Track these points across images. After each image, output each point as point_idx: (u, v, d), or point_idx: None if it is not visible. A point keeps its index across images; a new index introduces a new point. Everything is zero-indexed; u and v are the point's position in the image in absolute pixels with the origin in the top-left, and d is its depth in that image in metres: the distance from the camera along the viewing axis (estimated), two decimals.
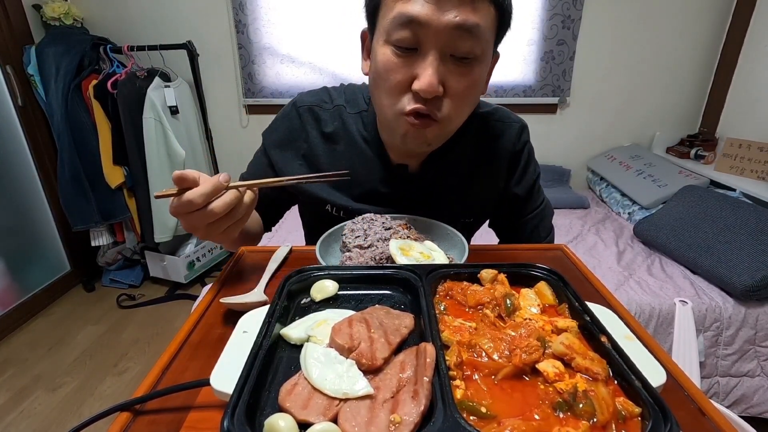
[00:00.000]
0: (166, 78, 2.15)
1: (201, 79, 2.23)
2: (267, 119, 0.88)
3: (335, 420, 0.31)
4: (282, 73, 2.36)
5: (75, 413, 1.60)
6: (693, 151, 2.21)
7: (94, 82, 2.04)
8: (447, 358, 0.35)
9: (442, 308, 0.45)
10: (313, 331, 0.40)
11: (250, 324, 0.42)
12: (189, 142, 2.23)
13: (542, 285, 0.48)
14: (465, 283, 0.48)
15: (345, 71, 2.34)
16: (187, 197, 0.48)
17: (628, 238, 1.85)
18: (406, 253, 0.56)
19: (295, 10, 2.23)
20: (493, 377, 0.35)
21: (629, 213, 2.06)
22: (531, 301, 0.46)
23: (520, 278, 0.49)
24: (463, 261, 0.59)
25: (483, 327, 0.41)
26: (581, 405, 0.31)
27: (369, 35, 0.65)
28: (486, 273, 0.48)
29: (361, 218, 0.65)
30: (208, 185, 0.49)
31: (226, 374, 0.35)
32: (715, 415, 0.36)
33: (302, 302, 0.47)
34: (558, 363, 0.36)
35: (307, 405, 0.32)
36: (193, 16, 2.27)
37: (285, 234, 1.86)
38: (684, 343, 1.32)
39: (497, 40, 0.62)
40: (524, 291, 0.47)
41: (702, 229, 1.57)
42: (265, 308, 0.43)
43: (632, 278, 1.53)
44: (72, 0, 2.22)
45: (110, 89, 2.00)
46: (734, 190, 1.82)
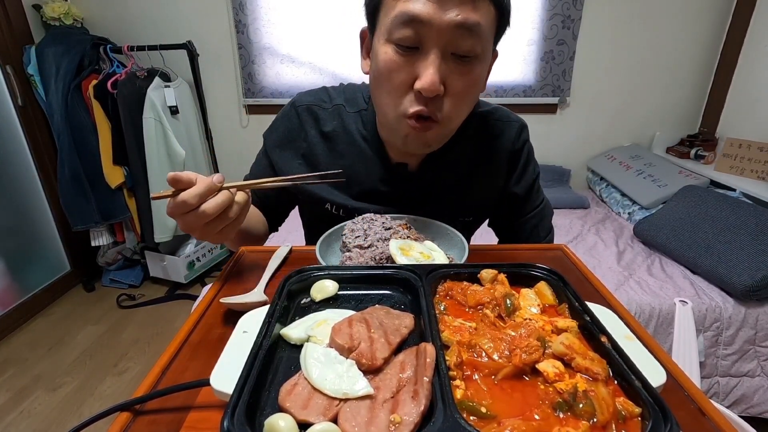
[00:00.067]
0: (166, 78, 2.15)
1: (201, 79, 2.23)
2: (267, 119, 0.88)
3: (335, 420, 0.31)
4: (282, 73, 2.36)
5: (75, 413, 1.60)
6: (693, 151, 2.21)
7: (94, 82, 2.04)
8: (447, 358, 0.35)
9: (442, 308, 0.45)
10: (313, 331, 0.40)
11: (250, 324, 0.42)
12: (189, 142, 2.23)
13: (542, 285, 0.48)
14: (465, 283, 0.48)
15: (345, 71, 2.34)
16: (181, 198, 0.49)
17: (628, 238, 1.85)
18: (406, 253, 0.56)
19: (295, 10, 2.23)
20: (493, 377, 0.35)
21: (629, 213, 2.06)
22: (531, 301, 0.46)
23: (520, 278, 0.49)
24: (463, 261, 0.59)
25: (483, 327, 0.41)
26: (581, 405, 0.31)
27: (369, 34, 0.65)
28: (486, 273, 0.48)
29: (361, 218, 0.65)
30: (201, 186, 0.50)
31: (226, 374, 0.35)
32: (715, 415, 0.36)
33: (302, 302, 0.47)
34: (558, 363, 0.36)
35: (307, 405, 0.32)
36: (193, 16, 2.27)
37: (285, 234, 1.84)
38: (684, 343, 1.32)
39: (496, 39, 0.62)
40: (524, 291, 0.47)
41: (702, 229, 1.57)
42: (265, 308, 0.43)
43: (632, 278, 1.53)
44: (72, 0, 2.22)
45: (110, 89, 2.00)
46: (734, 190, 1.82)
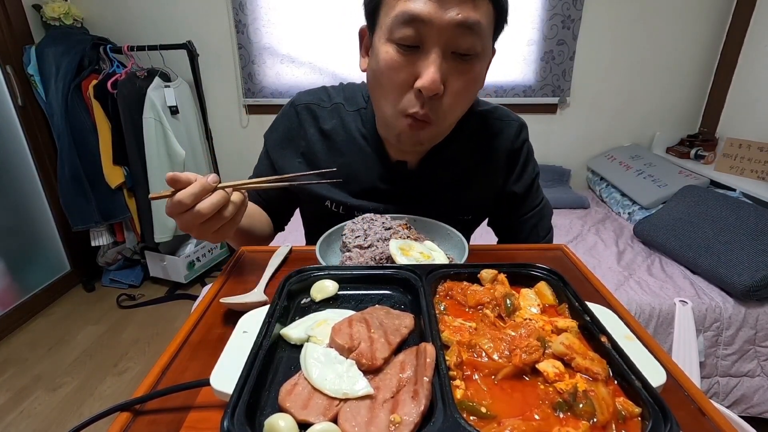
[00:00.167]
0: (166, 78, 2.15)
1: (201, 79, 2.23)
2: (267, 119, 0.88)
3: (335, 420, 0.31)
4: (282, 73, 2.36)
5: (75, 413, 1.60)
6: (693, 151, 2.21)
7: (94, 82, 2.04)
8: (447, 358, 0.35)
9: (442, 308, 0.45)
10: (313, 331, 0.40)
11: (250, 324, 0.42)
12: (189, 142, 2.23)
13: (542, 285, 0.48)
14: (465, 283, 0.48)
15: (345, 71, 2.34)
16: (176, 198, 0.50)
17: (628, 238, 1.85)
18: (406, 253, 0.56)
19: (295, 10, 2.23)
20: (493, 377, 0.35)
21: (629, 213, 2.06)
22: (531, 301, 0.46)
23: (520, 278, 0.49)
24: (463, 261, 0.59)
25: (483, 327, 0.41)
26: (581, 405, 0.31)
27: (368, 33, 0.65)
28: (486, 273, 0.48)
29: (361, 218, 0.65)
30: (196, 186, 0.51)
31: (226, 374, 0.35)
32: (715, 415, 0.36)
33: (302, 302, 0.47)
34: (558, 363, 0.36)
35: (307, 405, 0.32)
36: (193, 16, 2.27)
37: (285, 234, 1.84)
38: (684, 343, 1.32)
39: (495, 37, 0.63)
40: (524, 291, 0.47)
41: (702, 229, 1.57)
42: (265, 308, 0.43)
43: (632, 278, 1.53)
44: (72, 0, 2.22)
45: (110, 89, 2.00)
46: (734, 190, 1.82)
